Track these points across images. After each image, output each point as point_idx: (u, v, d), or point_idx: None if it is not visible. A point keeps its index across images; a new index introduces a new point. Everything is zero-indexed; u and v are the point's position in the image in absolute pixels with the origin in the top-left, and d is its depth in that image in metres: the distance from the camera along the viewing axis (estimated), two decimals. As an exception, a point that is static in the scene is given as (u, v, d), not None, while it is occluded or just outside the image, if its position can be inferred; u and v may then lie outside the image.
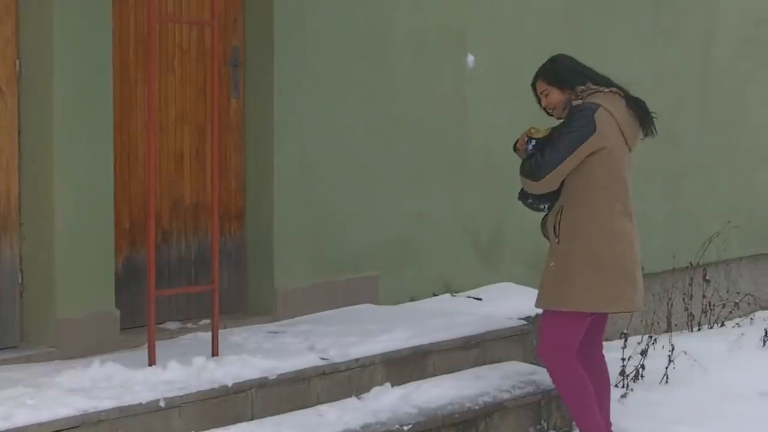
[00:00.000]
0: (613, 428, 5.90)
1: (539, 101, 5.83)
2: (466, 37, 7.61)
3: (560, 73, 5.75)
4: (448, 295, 7.23)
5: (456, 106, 7.56)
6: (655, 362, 7.15)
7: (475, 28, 7.63)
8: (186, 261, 6.43)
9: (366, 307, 6.87)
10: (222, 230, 6.45)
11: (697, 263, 8.73)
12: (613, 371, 7.08)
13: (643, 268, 5.90)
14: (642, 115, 5.76)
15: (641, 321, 8.50)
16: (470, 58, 7.63)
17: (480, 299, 7.12)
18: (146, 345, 5.52)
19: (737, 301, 9.12)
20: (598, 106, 5.57)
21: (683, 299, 8.63)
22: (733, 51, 9.53)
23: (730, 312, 8.94)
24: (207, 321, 6.09)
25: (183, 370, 5.38)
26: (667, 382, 7.11)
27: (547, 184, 5.58)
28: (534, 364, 6.66)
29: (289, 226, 6.61)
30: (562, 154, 5.52)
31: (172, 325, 6.29)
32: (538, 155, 5.55)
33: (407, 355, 6.04)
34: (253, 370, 5.47)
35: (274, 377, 5.47)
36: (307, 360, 5.70)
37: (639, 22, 8.74)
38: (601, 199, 5.61)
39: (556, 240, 5.64)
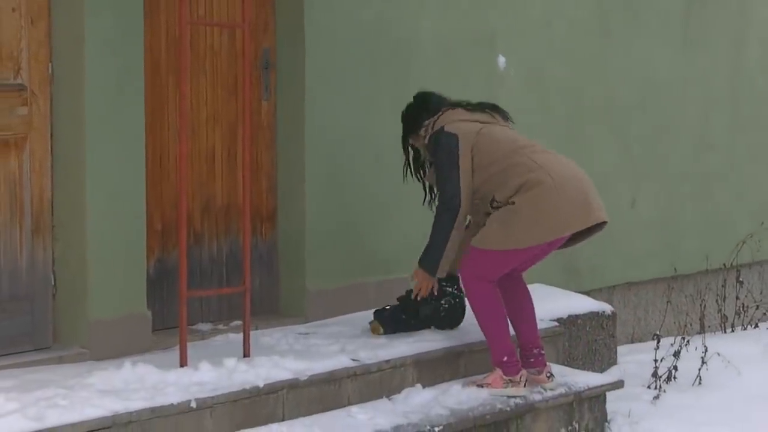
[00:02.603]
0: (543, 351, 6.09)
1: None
2: (495, 40, 7.60)
3: (407, 127, 6.16)
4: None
5: (486, 108, 7.53)
6: (688, 364, 7.11)
7: (504, 31, 7.62)
8: (217, 262, 6.44)
9: (397, 308, 6.86)
10: (253, 231, 6.47)
11: (731, 264, 8.69)
12: (646, 373, 7.08)
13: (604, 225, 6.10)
14: (489, 108, 6.10)
15: (674, 322, 8.47)
16: (501, 60, 7.62)
17: (512, 301, 7.08)
18: (178, 346, 5.54)
19: (771, 302, 9.08)
20: (441, 127, 5.93)
21: (716, 301, 8.59)
22: (765, 52, 9.47)
23: (764, 314, 8.89)
24: (238, 322, 6.10)
25: (214, 371, 5.39)
26: (700, 383, 7.07)
27: (466, 206, 5.87)
28: (566, 365, 6.66)
29: (321, 227, 6.62)
30: (455, 178, 5.83)
31: (203, 327, 6.31)
32: (442, 202, 5.87)
33: (439, 357, 6.04)
34: (284, 372, 5.48)
35: (305, 378, 5.48)
36: (339, 361, 5.70)
37: (668, 26, 8.71)
38: (511, 160, 5.85)
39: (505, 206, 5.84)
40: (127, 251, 5.80)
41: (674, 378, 7.08)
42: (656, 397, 6.81)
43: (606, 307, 7.30)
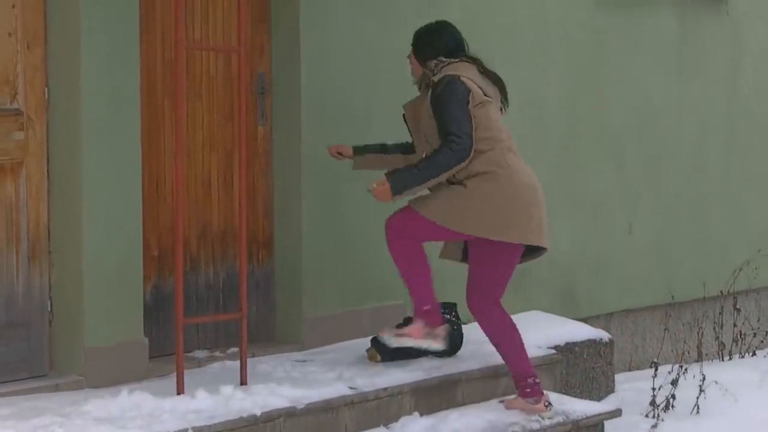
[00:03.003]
0: None
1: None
2: (492, 66, 7.57)
3: (418, 46, 6.07)
4: (477, 324, 7.17)
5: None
6: (686, 392, 7.09)
7: (500, 56, 7.60)
8: (214, 289, 6.41)
9: (393, 335, 6.83)
10: (250, 257, 6.44)
11: (728, 292, 8.67)
12: (644, 401, 7.05)
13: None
14: (497, 82, 6.07)
15: (671, 350, 8.45)
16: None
17: (509, 328, 7.05)
18: (174, 373, 5.50)
19: (768, 330, 9.05)
20: (458, 75, 5.86)
21: (714, 328, 8.56)
22: (760, 78, 9.49)
23: (761, 341, 8.86)
24: (235, 349, 6.06)
25: (211, 399, 5.35)
26: (698, 412, 7.04)
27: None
28: (563, 393, 6.62)
29: (317, 254, 6.59)
30: (468, 123, 5.76)
31: (200, 354, 6.27)
32: (453, 141, 5.71)
33: (436, 385, 6.00)
34: (281, 399, 5.44)
35: (302, 407, 5.44)
36: (336, 389, 5.67)
37: (663, 53, 8.72)
38: (490, 145, 5.84)
39: (461, 185, 5.83)
40: (123, 277, 5.77)
41: (672, 406, 7.05)
42: (654, 426, 6.79)
43: (603, 335, 7.27)
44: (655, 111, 8.68)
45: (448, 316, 6.30)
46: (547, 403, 6.00)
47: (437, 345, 5.93)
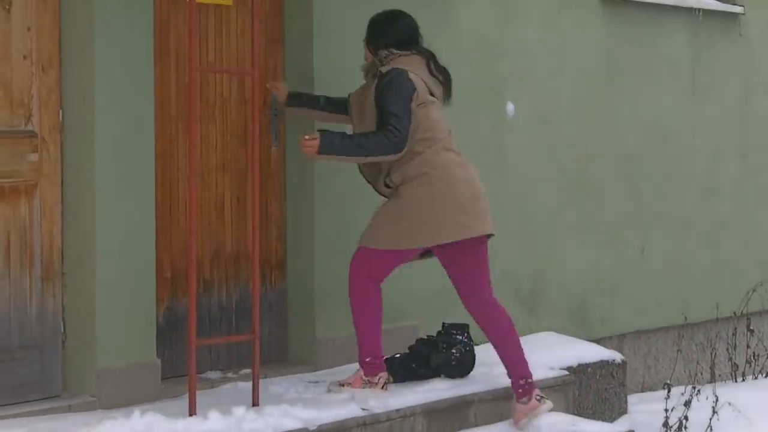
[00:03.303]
0: None
1: None
2: (504, 87, 7.62)
3: (371, 35, 6.08)
4: (489, 344, 7.17)
5: (494, 155, 7.55)
6: (699, 413, 7.05)
7: (513, 78, 7.64)
8: (227, 310, 6.42)
9: (406, 357, 6.83)
10: (263, 279, 6.45)
11: (741, 313, 8.66)
12: (657, 422, 7.02)
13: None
14: (446, 79, 6.06)
15: (684, 371, 8.43)
16: (510, 107, 7.64)
17: (521, 349, 7.05)
18: (187, 395, 5.50)
19: (782, 351, 9.03)
20: (406, 70, 5.87)
21: (727, 349, 8.54)
22: (773, 100, 9.51)
23: (775, 362, 8.85)
24: (248, 370, 6.07)
25: (223, 420, 5.35)
26: (711, 433, 7.02)
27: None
28: (576, 414, 6.61)
29: (330, 275, 6.60)
30: (407, 119, 5.79)
31: (212, 375, 6.28)
32: (391, 131, 5.74)
33: (448, 406, 6.00)
34: (293, 421, 5.44)
35: (315, 428, 5.44)
36: (348, 410, 5.67)
37: (677, 73, 8.74)
38: (427, 146, 5.88)
39: (393, 190, 5.91)
40: (136, 299, 5.78)
41: (685, 428, 7.01)
42: (667, 447, 6.77)
43: (616, 356, 7.26)
44: (668, 132, 8.69)
45: (461, 338, 6.31)
46: (539, 397, 6.05)
47: (376, 392, 5.95)
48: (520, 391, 6.04)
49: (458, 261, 6.00)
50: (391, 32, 6.05)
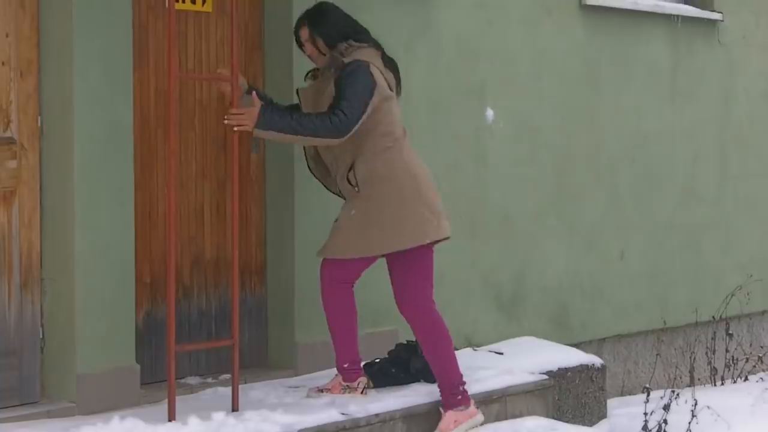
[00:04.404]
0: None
1: (300, 45, 6.02)
2: (485, 93, 7.64)
3: (325, 30, 5.89)
4: (469, 349, 7.21)
5: (474, 159, 7.58)
6: (678, 417, 7.07)
7: (493, 83, 7.67)
8: (206, 316, 6.43)
9: (386, 361, 6.85)
10: (242, 285, 6.47)
11: (720, 317, 8.70)
12: (636, 426, 7.04)
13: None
14: (396, 71, 5.98)
15: (664, 375, 8.46)
16: (489, 113, 7.67)
17: (501, 353, 7.08)
18: (166, 400, 5.52)
19: (761, 355, 9.06)
20: (368, 63, 5.77)
21: (706, 353, 8.58)
22: (752, 105, 9.55)
23: (754, 366, 8.88)
24: (227, 376, 6.08)
25: (203, 425, 5.37)
26: (690, 437, 7.05)
27: (348, 137, 5.71)
28: (556, 418, 6.63)
29: (310, 281, 6.59)
30: (359, 109, 5.67)
31: (192, 380, 6.29)
32: (337, 114, 5.62)
33: (428, 411, 6.01)
34: (273, 426, 5.45)
35: (295, 433, 5.46)
36: (328, 415, 5.68)
37: (657, 78, 8.78)
38: (390, 142, 5.83)
39: (356, 189, 5.81)
40: (115, 305, 5.79)
41: None
42: (646, 451, 6.79)
43: (596, 360, 7.28)
44: (648, 137, 8.73)
45: None
46: (477, 405, 6.00)
47: (356, 397, 5.95)
48: (459, 398, 5.94)
49: (410, 264, 5.90)
50: (346, 23, 5.95)
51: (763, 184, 9.61)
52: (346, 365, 6.01)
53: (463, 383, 5.97)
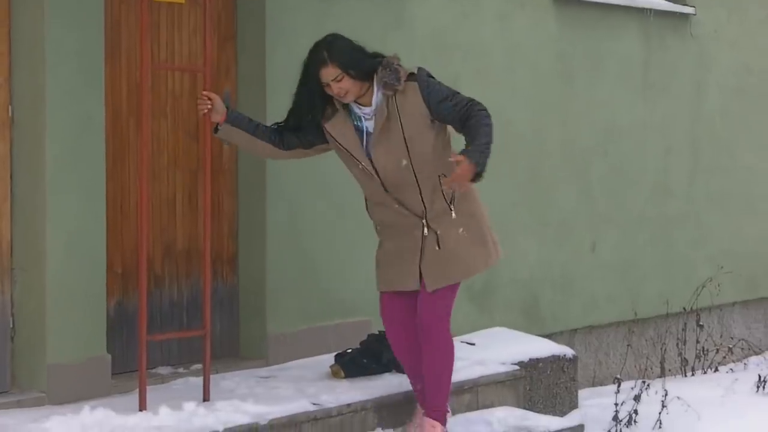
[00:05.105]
0: None
1: (324, 87, 5.38)
2: (458, 86, 7.61)
3: (354, 55, 5.36)
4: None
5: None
6: (649, 408, 7.13)
7: (466, 76, 7.68)
8: (178, 306, 6.43)
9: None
10: (214, 275, 6.46)
11: (691, 308, 8.75)
12: (607, 416, 7.09)
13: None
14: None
15: (635, 366, 8.51)
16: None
17: (473, 344, 7.11)
18: (137, 390, 5.52)
19: (731, 346, 9.14)
20: (417, 67, 5.48)
21: (677, 344, 8.64)
22: (724, 99, 9.60)
23: (724, 357, 8.94)
24: (199, 366, 6.09)
25: (174, 415, 5.37)
26: (660, 427, 7.09)
27: None
28: (527, 408, 6.66)
29: (282, 271, 6.63)
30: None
31: (163, 370, 6.29)
32: (478, 104, 5.36)
33: (399, 400, 6.02)
34: (244, 416, 5.46)
35: (266, 423, 5.46)
36: (299, 405, 5.69)
37: (629, 71, 8.81)
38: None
39: (451, 207, 5.48)
40: (86, 294, 5.78)
41: (635, 422, 7.09)
42: (617, 441, 6.83)
43: (567, 351, 7.32)
44: (620, 130, 8.77)
45: None
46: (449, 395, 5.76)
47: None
48: (439, 414, 5.68)
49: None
50: (365, 50, 5.48)
51: (734, 177, 9.67)
52: (447, 410, 5.70)
53: (447, 410, 5.72)
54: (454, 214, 5.50)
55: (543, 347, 7.25)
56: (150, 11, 5.63)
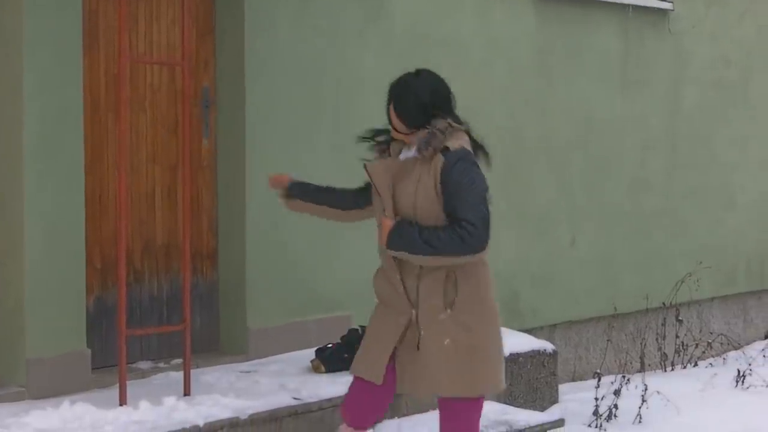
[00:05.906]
0: None
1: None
2: (437, 79, 7.63)
3: (428, 102, 4.82)
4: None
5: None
6: (629, 402, 7.15)
7: (445, 69, 7.59)
8: (158, 300, 6.41)
9: (339, 347, 6.85)
10: (194, 270, 6.44)
11: (670, 303, 8.77)
12: (587, 411, 7.10)
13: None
14: (486, 154, 4.96)
15: (615, 360, 8.52)
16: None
17: (453, 339, 7.09)
18: (117, 385, 5.50)
19: (710, 341, 9.16)
20: (469, 151, 4.78)
21: (656, 339, 8.66)
22: (702, 93, 9.62)
23: (703, 352, 8.97)
24: (179, 360, 6.07)
25: (154, 410, 5.35)
26: (640, 422, 7.11)
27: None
28: (507, 403, 6.66)
29: (261, 266, 6.60)
30: (486, 210, 4.69)
31: (143, 365, 6.26)
32: (464, 227, 4.61)
33: (380, 395, 6.02)
34: (224, 410, 5.45)
35: (246, 417, 5.45)
36: (280, 399, 5.69)
37: (607, 66, 8.82)
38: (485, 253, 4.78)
39: (448, 310, 4.71)
40: (66, 289, 5.75)
41: (615, 416, 7.11)
42: (597, 435, 6.85)
43: (547, 346, 7.32)
44: (599, 125, 8.78)
45: None
46: None
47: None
48: None
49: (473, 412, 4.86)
50: (448, 99, 4.86)
51: (712, 172, 9.70)
52: None
53: None
54: (445, 318, 4.71)
55: (523, 342, 7.26)
56: (128, 2, 5.60)
